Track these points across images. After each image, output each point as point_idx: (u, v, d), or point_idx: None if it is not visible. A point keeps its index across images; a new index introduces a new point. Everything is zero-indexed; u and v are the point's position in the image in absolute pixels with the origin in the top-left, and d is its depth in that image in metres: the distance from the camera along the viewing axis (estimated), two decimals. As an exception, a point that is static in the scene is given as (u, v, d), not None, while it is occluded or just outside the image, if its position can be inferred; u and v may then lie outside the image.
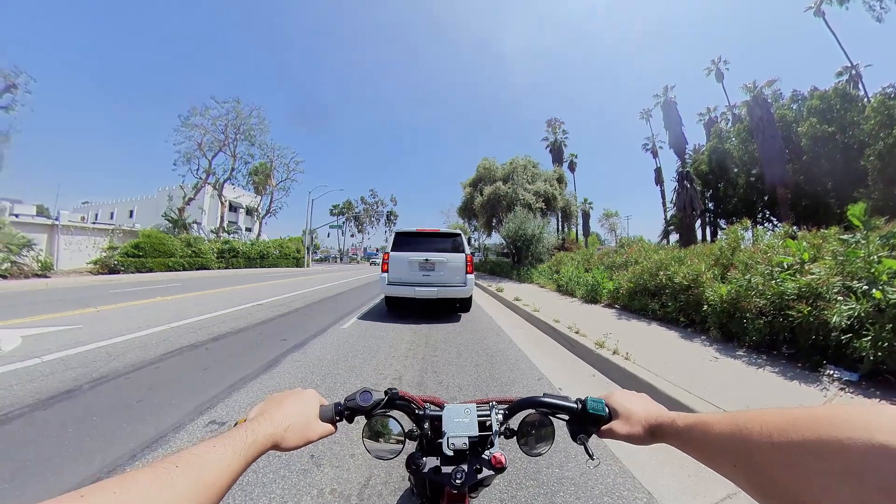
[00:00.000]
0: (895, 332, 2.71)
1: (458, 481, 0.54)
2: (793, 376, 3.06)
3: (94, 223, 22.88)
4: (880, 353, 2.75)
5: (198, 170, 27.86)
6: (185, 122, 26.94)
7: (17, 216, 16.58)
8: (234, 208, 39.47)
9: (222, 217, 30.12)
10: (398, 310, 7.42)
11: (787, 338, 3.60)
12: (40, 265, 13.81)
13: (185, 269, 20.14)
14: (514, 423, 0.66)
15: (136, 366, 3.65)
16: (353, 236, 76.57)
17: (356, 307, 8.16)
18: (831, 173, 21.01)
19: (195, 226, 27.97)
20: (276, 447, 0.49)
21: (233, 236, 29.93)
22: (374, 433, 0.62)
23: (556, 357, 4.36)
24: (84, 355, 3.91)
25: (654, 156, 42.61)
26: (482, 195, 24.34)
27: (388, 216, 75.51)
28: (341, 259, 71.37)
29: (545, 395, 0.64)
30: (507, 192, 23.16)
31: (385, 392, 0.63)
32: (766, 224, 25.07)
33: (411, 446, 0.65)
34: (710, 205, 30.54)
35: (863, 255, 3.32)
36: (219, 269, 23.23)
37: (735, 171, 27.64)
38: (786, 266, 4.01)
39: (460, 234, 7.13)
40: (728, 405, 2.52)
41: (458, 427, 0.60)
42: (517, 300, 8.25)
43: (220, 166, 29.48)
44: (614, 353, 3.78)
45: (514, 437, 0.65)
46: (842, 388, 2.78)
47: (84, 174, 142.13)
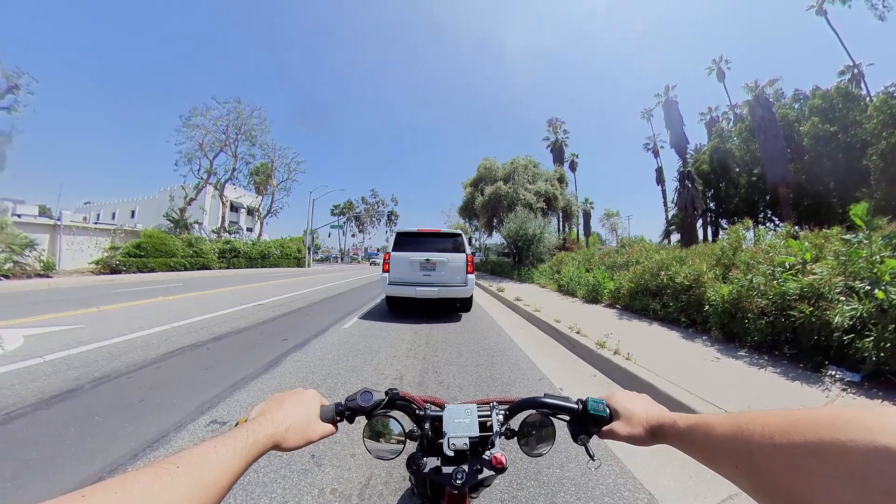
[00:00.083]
0: (898, 332, 2.70)
1: (458, 481, 0.54)
2: (795, 377, 3.05)
3: (95, 223, 22.95)
4: (883, 354, 2.74)
5: (199, 170, 27.95)
6: (187, 123, 27.01)
7: (19, 216, 16.65)
8: (235, 208, 39.52)
9: (223, 217, 30.20)
10: (399, 309, 7.42)
11: (788, 338, 3.58)
12: (43, 265, 13.87)
13: (186, 269, 20.19)
14: (515, 423, 0.66)
15: (137, 365, 3.66)
16: (354, 236, 76.71)
17: (357, 307, 8.17)
18: (833, 173, 20.92)
19: (196, 226, 28.07)
20: (276, 447, 0.49)
21: (234, 236, 29.96)
22: (375, 433, 0.62)
23: (556, 357, 4.36)
24: (86, 355, 3.92)
25: (656, 155, 42.56)
26: (483, 195, 24.35)
27: (388, 216, 75.52)
28: (342, 259, 71.39)
29: (546, 395, 0.64)
30: (508, 191, 23.15)
31: (385, 392, 0.63)
32: (767, 224, 24.96)
33: (412, 446, 0.65)
34: (711, 204, 30.43)
35: (865, 255, 3.30)
36: (220, 269, 23.27)
37: (737, 170, 27.55)
38: (788, 266, 3.99)
39: (461, 234, 7.14)
40: (729, 406, 2.51)
41: (459, 427, 0.60)
42: (518, 300, 8.24)
43: (221, 166, 29.59)
44: (615, 353, 3.77)
45: (515, 437, 0.65)
46: (844, 389, 2.77)
47: (85, 174, 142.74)
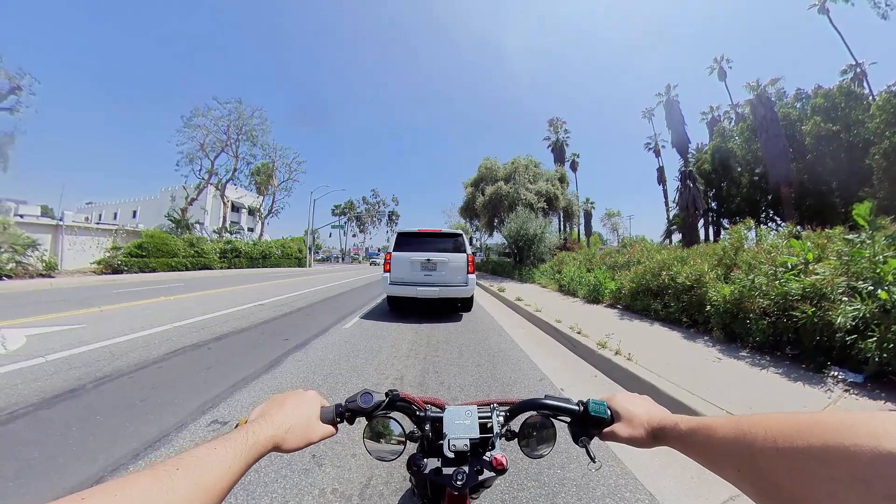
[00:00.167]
0: (901, 332, 2.69)
1: (459, 483, 0.54)
2: (797, 378, 3.04)
3: (97, 223, 23.02)
4: (886, 355, 2.72)
5: (200, 170, 28.05)
6: (188, 123, 27.12)
7: (21, 216, 16.73)
8: (236, 208, 39.58)
9: (225, 217, 30.28)
10: (400, 309, 7.43)
11: (790, 339, 3.57)
12: (45, 265, 13.92)
13: (187, 269, 20.25)
14: (516, 424, 0.66)
15: (139, 365, 3.67)
16: (354, 236, 76.79)
17: (358, 307, 8.18)
18: (836, 172, 20.84)
19: (198, 226, 28.16)
20: (277, 449, 0.49)
21: (235, 236, 30.04)
22: (375, 434, 0.62)
23: (557, 357, 4.35)
24: (88, 355, 3.93)
25: (657, 155, 42.53)
26: (484, 195, 24.33)
27: (389, 216, 75.56)
28: (343, 259, 71.49)
29: (547, 396, 0.64)
30: (509, 191, 23.14)
31: (386, 394, 0.63)
32: (769, 223, 24.87)
33: (412, 447, 0.65)
34: (713, 204, 30.38)
35: (868, 255, 3.29)
36: (221, 269, 23.33)
37: (738, 170, 27.49)
38: (790, 266, 3.97)
39: (462, 234, 7.14)
40: (731, 407, 2.50)
41: (459, 429, 0.60)
42: (519, 300, 8.23)
43: (222, 167, 29.71)
44: (616, 353, 3.77)
45: (516, 438, 0.64)
46: (846, 390, 2.75)
47: (86, 174, 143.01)
